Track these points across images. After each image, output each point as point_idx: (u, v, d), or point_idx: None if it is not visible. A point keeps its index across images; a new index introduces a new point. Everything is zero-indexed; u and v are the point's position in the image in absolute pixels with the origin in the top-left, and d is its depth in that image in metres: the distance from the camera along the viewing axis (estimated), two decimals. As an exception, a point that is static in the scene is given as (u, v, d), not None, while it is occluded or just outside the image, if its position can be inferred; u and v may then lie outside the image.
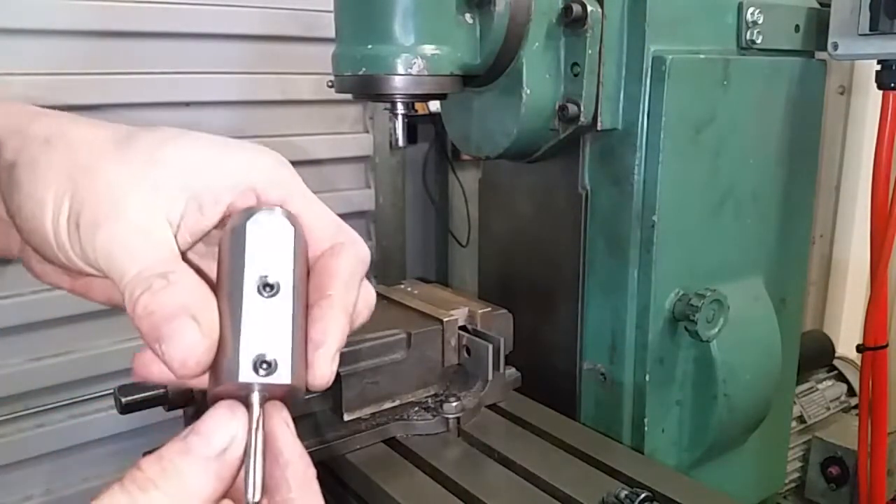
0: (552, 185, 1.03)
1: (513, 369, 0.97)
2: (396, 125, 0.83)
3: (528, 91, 0.87)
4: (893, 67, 1.02)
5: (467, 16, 0.83)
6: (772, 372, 1.07)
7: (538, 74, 0.88)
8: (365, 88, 0.80)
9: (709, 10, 0.95)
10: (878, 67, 1.04)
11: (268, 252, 0.34)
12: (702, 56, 0.94)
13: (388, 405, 0.87)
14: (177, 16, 1.20)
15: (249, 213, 0.35)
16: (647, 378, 0.96)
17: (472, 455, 0.85)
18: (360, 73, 0.78)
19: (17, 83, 1.09)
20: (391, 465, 0.83)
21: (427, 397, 0.91)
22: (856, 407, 1.57)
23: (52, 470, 1.22)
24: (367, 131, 1.49)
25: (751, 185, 1.02)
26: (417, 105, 0.95)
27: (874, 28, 0.96)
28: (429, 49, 0.77)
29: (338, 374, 0.82)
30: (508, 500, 0.77)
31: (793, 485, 1.54)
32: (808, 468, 1.51)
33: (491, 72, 0.87)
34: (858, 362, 1.26)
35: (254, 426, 0.32)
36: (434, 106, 1.29)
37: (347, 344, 0.89)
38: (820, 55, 1.08)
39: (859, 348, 1.18)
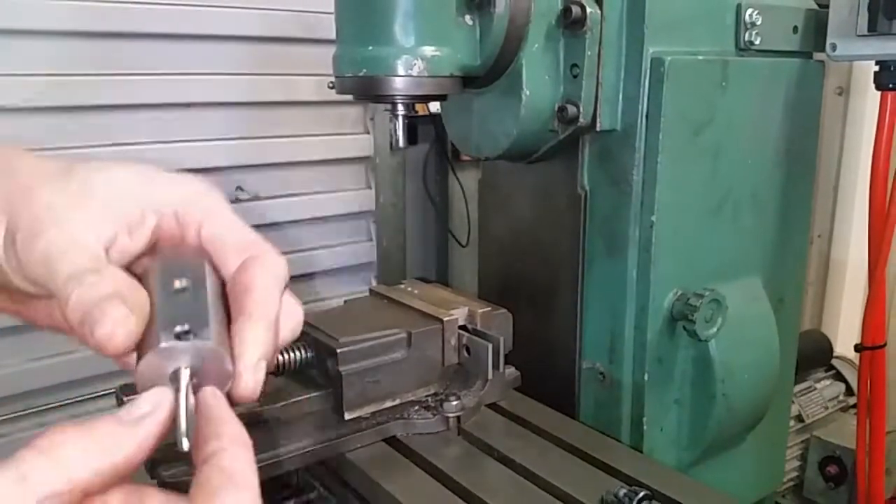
0: (551, 186, 1.03)
1: (512, 368, 0.97)
2: (397, 126, 0.84)
3: (528, 92, 0.88)
4: (891, 68, 1.02)
5: (467, 17, 0.83)
6: (770, 371, 1.08)
7: (538, 76, 0.88)
8: (365, 89, 0.80)
9: (707, 12, 0.96)
10: (877, 68, 1.04)
11: (181, 267, 0.38)
12: (700, 57, 0.94)
13: (388, 404, 0.88)
14: (178, 17, 1.20)
15: (162, 251, 0.40)
16: (646, 377, 0.97)
17: (472, 454, 0.86)
18: (361, 74, 0.79)
19: (17, 84, 1.10)
20: (391, 463, 0.83)
21: (427, 396, 0.91)
22: (854, 406, 1.57)
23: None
24: (368, 132, 1.49)
25: (749, 185, 1.03)
26: (418, 106, 0.95)
27: (872, 29, 0.97)
28: (429, 50, 0.77)
29: (339, 374, 0.83)
30: (508, 499, 0.77)
31: (791, 484, 1.54)
32: (807, 467, 1.51)
33: (491, 73, 0.87)
34: (857, 361, 1.27)
35: (183, 388, 0.34)
36: (434, 107, 1.29)
37: (348, 343, 0.88)
38: (818, 56, 1.08)
39: (857, 348, 1.18)
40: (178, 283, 0.36)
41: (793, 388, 1.28)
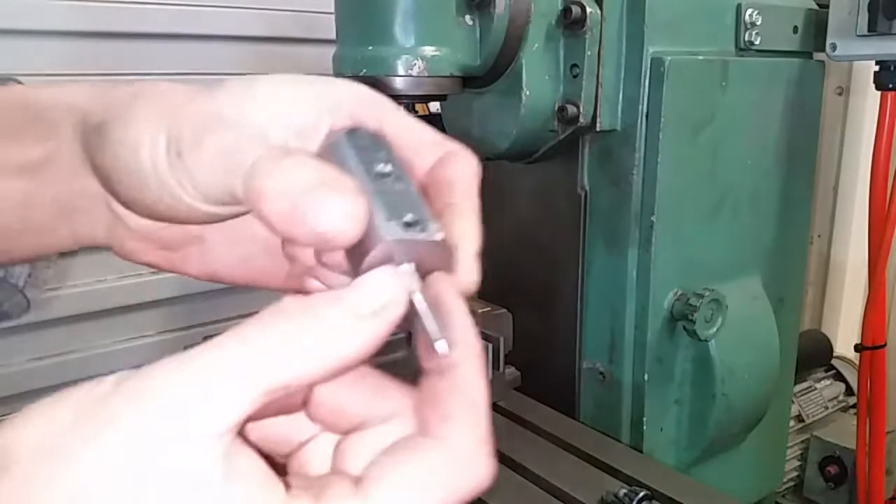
0: (551, 186, 1.03)
1: (512, 368, 0.97)
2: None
3: (528, 92, 0.88)
4: (892, 68, 1.02)
5: (467, 17, 0.83)
6: (770, 371, 1.08)
7: (538, 76, 0.88)
8: (365, 89, 0.80)
9: (707, 12, 0.96)
10: (877, 68, 1.04)
11: (372, 152, 0.32)
12: (700, 57, 0.94)
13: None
14: (176, 17, 1.20)
15: (342, 129, 0.33)
16: (646, 377, 0.97)
17: (471, 454, 0.85)
18: (361, 74, 0.78)
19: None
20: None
21: (427, 396, 0.91)
22: (854, 406, 1.57)
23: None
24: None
25: (749, 185, 1.03)
26: (418, 106, 0.95)
27: (872, 29, 0.97)
28: (429, 50, 0.77)
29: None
30: (507, 499, 0.77)
31: (791, 484, 1.54)
32: (807, 467, 1.51)
33: (490, 73, 0.87)
34: (857, 362, 1.27)
35: (418, 288, 0.29)
36: (434, 107, 1.29)
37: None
38: (818, 56, 1.08)
39: (857, 348, 1.18)
40: (379, 167, 0.31)
41: (793, 388, 1.28)
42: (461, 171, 0.35)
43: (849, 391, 1.63)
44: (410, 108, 0.82)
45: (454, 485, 0.27)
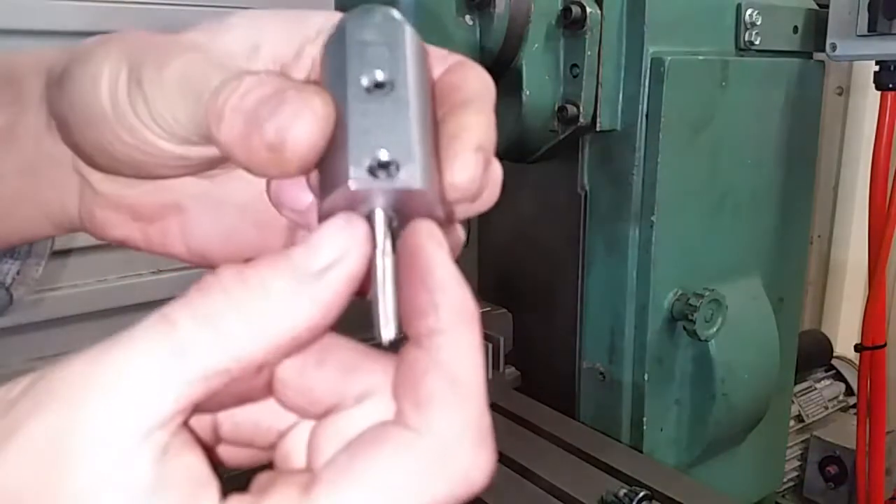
0: (551, 186, 1.03)
1: (512, 368, 0.97)
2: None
3: (528, 92, 0.88)
4: (891, 68, 1.02)
5: (467, 17, 0.83)
6: (770, 371, 1.08)
7: (538, 75, 0.88)
8: (365, 89, 0.80)
9: (707, 12, 0.96)
10: (877, 68, 1.04)
11: (374, 48, 0.26)
12: (700, 57, 0.94)
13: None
14: (174, 16, 1.20)
15: (348, 15, 0.27)
16: (646, 377, 0.97)
17: (471, 454, 0.85)
18: (360, 74, 0.78)
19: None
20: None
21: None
22: (854, 406, 1.57)
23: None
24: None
25: (749, 185, 1.03)
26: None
27: (872, 29, 0.97)
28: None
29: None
30: (508, 499, 0.77)
31: (791, 484, 1.54)
32: (807, 467, 1.51)
33: (490, 73, 0.86)
34: (857, 362, 1.27)
35: (380, 247, 0.24)
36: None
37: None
38: (818, 56, 1.08)
39: (857, 348, 1.18)
40: (373, 74, 0.25)
41: (793, 388, 1.28)
42: (472, 75, 0.29)
43: (849, 391, 1.63)
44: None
45: (430, 488, 0.22)
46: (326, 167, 0.25)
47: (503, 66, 0.87)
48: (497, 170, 0.29)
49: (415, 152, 0.24)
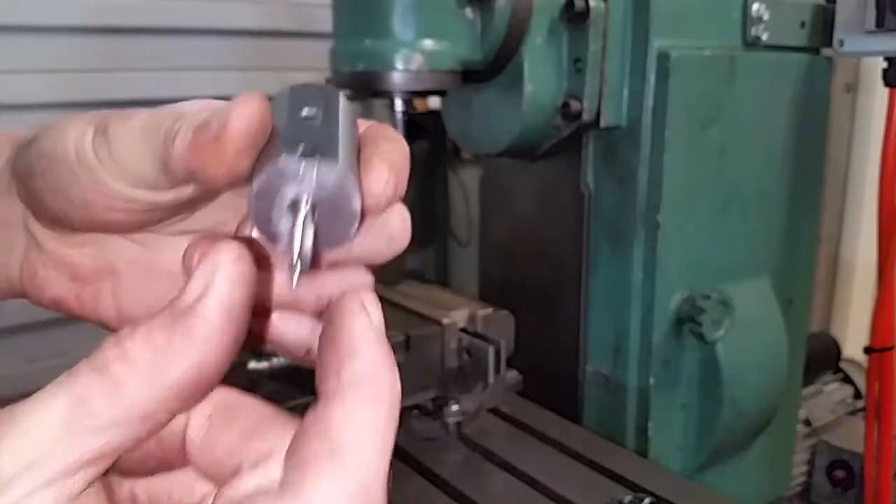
0: (554, 184, 1.02)
1: (514, 372, 0.96)
2: (395, 122, 0.82)
3: (530, 87, 0.86)
4: (901, 64, 1.00)
5: (468, 10, 0.81)
6: (778, 374, 1.06)
7: (540, 70, 0.86)
8: (363, 85, 0.78)
9: (714, 6, 0.94)
10: (885, 65, 1.02)
11: (312, 99, 0.31)
12: (707, 52, 0.92)
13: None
14: (170, 11, 1.19)
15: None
16: (652, 381, 0.95)
17: (472, 460, 0.84)
18: (358, 68, 0.77)
19: (12, 81, 1.08)
20: (390, 470, 0.81)
21: (427, 401, 0.89)
22: (862, 410, 1.55)
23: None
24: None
25: (756, 183, 1.01)
26: (417, 103, 0.93)
27: (881, 25, 0.95)
28: (428, 44, 0.76)
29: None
30: (510, 507, 0.76)
31: (798, 488, 1.52)
32: (814, 471, 1.49)
33: (492, 68, 0.85)
34: (865, 364, 1.25)
35: (302, 214, 0.28)
36: (434, 103, 1.28)
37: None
38: (826, 52, 1.07)
39: (866, 350, 1.16)
40: (307, 111, 0.31)
41: (800, 392, 1.26)
42: (388, 128, 0.34)
43: (857, 395, 1.61)
44: (409, 104, 0.80)
45: None
46: (261, 164, 0.29)
47: (504, 61, 0.85)
48: (406, 212, 0.32)
49: (337, 149, 0.29)
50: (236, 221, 0.35)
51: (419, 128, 1.39)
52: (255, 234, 0.30)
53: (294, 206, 0.28)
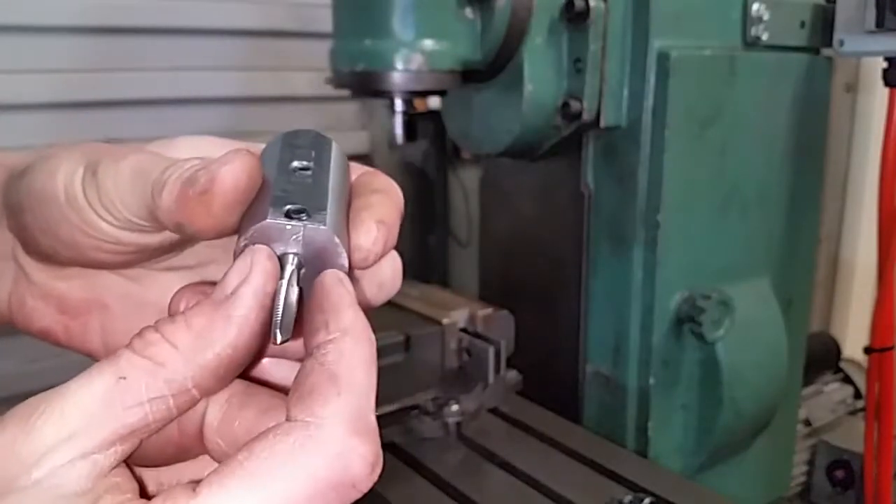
0: (554, 184, 1.02)
1: (514, 372, 0.96)
2: (395, 122, 0.82)
3: (530, 87, 0.86)
4: (901, 64, 1.00)
5: (468, 10, 0.81)
6: (778, 375, 1.06)
7: (540, 70, 0.86)
8: (363, 84, 0.78)
9: (714, 6, 0.94)
10: (885, 65, 1.02)
11: (302, 149, 0.32)
12: (707, 52, 0.92)
13: (386, 409, 0.86)
14: (169, 11, 1.19)
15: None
16: (652, 381, 0.95)
17: (472, 460, 0.84)
18: (358, 68, 0.77)
19: (11, 82, 1.08)
20: (390, 470, 0.81)
21: (427, 401, 0.89)
22: (862, 410, 1.55)
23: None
24: (366, 129, 1.47)
25: (757, 183, 1.01)
26: (417, 103, 0.94)
27: (881, 25, 0.95)
28: (428, 44, 0.76)
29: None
30: (509, 507, 0.76)
31: (798, 488, 1.52)
32: (814, 471, 1.49)
33: (492, 68, 0.85)
34: (865, 364, 1.25)
35: (287, 275, 0.28)
36: (434, 103, 1.28)
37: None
38: (826, 52, 1.06)
39: (866, 350, 1.16)
40: (297, 163, 0.31)
41: (800, 392, 1.26)
42: (380, 176, 0.35)
43: (857, 395, 1.61)
44: (409, 104, 0.80)
45: (304, 468, 0.24)
46: (248, 219, 0.29)
47: (504, 61, 0.85)
48: (398, 259, 0.34)
49: (326, 206, 0.29)
50: (225, 258, 0.35)
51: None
52: None
53: (280, 263, 0.29)
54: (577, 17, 0.84)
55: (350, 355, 0.26)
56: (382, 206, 0.32)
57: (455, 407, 0.86)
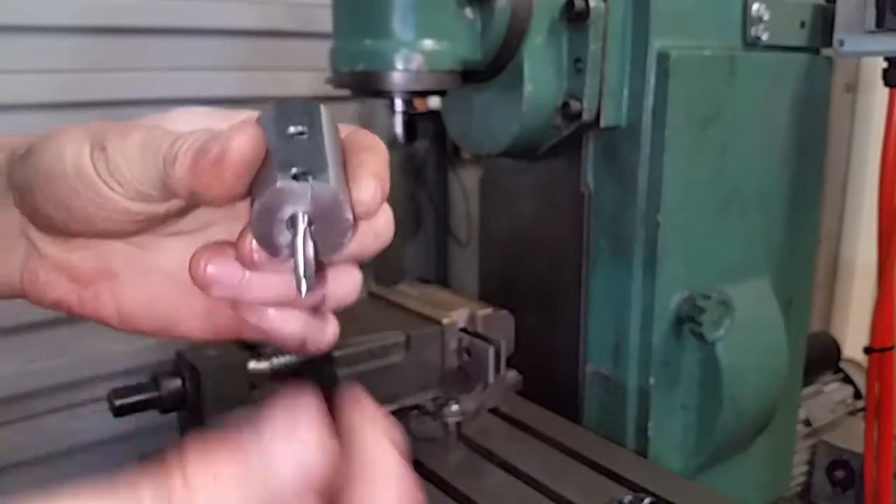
0: (554, 184, 1.02)
1: (514, 372, 0.96)
2: (395, 122, 0.82)
3: (530, 87, 0.86)
4: (901, 64, 1.00)
5: (468, 10, 0.81)
6: (778, 374, 1.06)
7: (540, 70, 0.86)
8: (362, 85, 0.78)
9: (714, 6, 0.94)
10: (885, 65, 1.02)
11: (296, 114, 0.34)
12: (707, 52, 0.92)
13: (386, 409, 0.86)
14: (169, 11, 1.19)
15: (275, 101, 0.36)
16: (652, 381, 0.95)
17: (472, 460, 0.84)
18: (358, 68, 0.77)
19: (11, 82, 1.08)
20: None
21: (426, 401, 0.89)
22: (862, 410, 1.55)
23: (45, 474, 1.20)
24: (366, 129, 1.47)
25: (757, 183, 1.01)
26: (416, 103, 0.93)
27: (880, 25, 0.95)
28: (428, 44, 0.76)
29: (335, 378, 0.81)
30: (509, 507, 0.76)
31: (798, 488, 1.52)
32: (814, 471, 1.49)
33: (491, 68, 0.85)
34: (865, 364, 1.25)
35: (300, 231, 0.31)
36: (433, 103, 1.28)
37: (345, 346, 0.87)
38: (826, 52, 1.06)
39: (866, 350, 1.16)
40: (293, 128, 0.34)
41: (800, 392, 1.26)
42: (366, 134, 0.38)
43: (857, 395, 1.61)
44: (409, 104, 0.80)
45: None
46: (258, 184, 0.32)
47: (504, 61, 0.85)
48: (389, 209, 0.36)
49: (327, 166, 0.32)
50: (225, 221, 0.38)
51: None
52: (255, 246, 0.33)
53: (292, 222, 0.31)
54: (577, 17, 0.84)
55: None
56: (375, 162, 0.35)
57: (455, 407, 0.86)
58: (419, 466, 0.81)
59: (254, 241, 0.33)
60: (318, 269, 0.33)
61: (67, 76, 1.12)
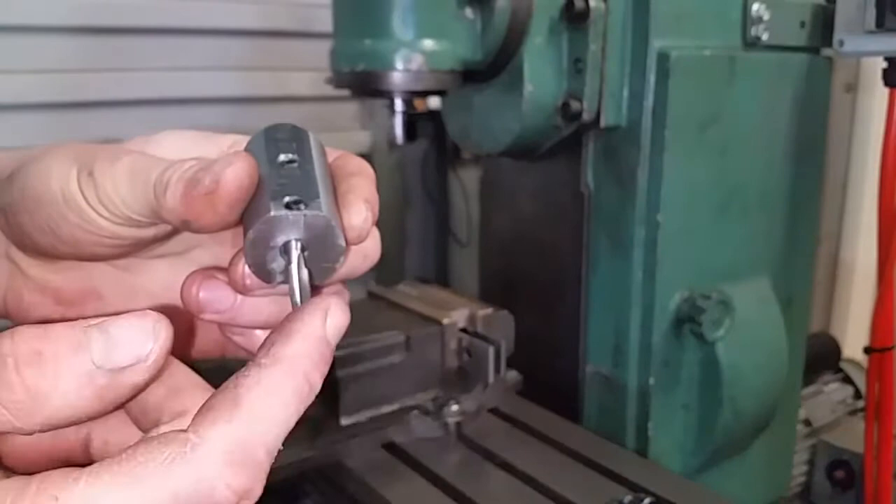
0: (554, 184, 1.02)
1: (514, 372, 0.96)
2: (395, 122, 0.82)
3: (530, 87, 0.86)
4: (901, 65, 1.00)
5: (468, 10, 0.81)
6: (778, 374, 1.06)
7: (540, 70, 0.86)
8: (363, 84, 0.78)
9: (714, 6, 0.94)
10: (885, 65, 1.02)
11: (284, 142, 0.35)
12: (707, 52, 0.92)
13: (386, 409, 0.86)
14: (169, 11, 1.19)
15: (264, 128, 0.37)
16: (652, 381, 0.95)
17: (472, 460, 0.84)
18: (358, 68, 0.77)
19: (10, 82, 1.08)
20: (390, 470, 0.81)
21: (426, 401, 0.89)
22: (862, 410, 1.55)
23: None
24: (366, 129, 1.47)
25: (757, 183, 1.01)
26: (416, 102, 0.94)
27: (880, 25, 0.95)
28: (428, 44, 0.76)
29: (335, 378, 0.81)
30: (509, 507, 0.76)
31: (798, 488, 1.52)
32: (814, 471, 1.49)
33: (492, 68, 0.85)
34: (865, 364, 1.25)
35: (294, 259, 0.31)
36: (434, 103, 1.28)
37: (345, 346, 0.87)
38: (826, 52, 1.06)
39: (866, 350, 1.16)
40: (283, 156, 0.34)
41: (800, 392, 1.26)
42: (353, 158, 0.38)
43: (857, 395, 1.61)
44: (409, 104, 0.80)
45: (174, 491, 0.24)
46: (250, 212, 0.32)
47: (504, 61, 0.85)
48: (377, 231, 0.36)
49: (318, 194, 0.32)
50: (209, 243, 0.38)
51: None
52: (248, 272, 0.33)
53: (285, 249, 0.32)
54: (577, 18, 0.84)
55: (268, 386, 0.26)
56: (364, 186, 0.35)
57: (455, 407, 0.86)
58: (419, 466, 0.81)
59: (246, 268, 0.33)
60: (312, 293, 0.33)
61: (67, 76, 1.12)
